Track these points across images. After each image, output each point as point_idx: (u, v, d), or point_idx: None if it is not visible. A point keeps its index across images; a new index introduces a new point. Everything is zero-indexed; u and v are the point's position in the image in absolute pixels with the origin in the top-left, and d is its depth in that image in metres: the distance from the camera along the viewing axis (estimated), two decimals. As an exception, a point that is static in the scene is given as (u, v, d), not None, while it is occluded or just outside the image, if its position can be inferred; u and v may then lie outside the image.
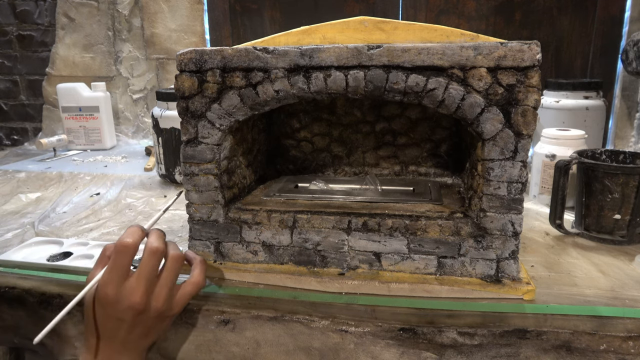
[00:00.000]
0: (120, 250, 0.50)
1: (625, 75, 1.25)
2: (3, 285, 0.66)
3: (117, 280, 0.49)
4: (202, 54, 0.59)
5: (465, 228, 0.59)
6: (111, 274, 0.49)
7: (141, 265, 0.50)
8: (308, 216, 0.62)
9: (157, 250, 0.51)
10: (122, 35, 1.59)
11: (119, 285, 0.49)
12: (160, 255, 0.51)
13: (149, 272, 0.50)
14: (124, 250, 0.50)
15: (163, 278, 0.52)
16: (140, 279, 0.49)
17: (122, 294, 0.49)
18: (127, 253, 0.50)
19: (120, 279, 0.49)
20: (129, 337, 0.50)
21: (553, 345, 0.53)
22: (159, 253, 0.51)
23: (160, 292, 0.51)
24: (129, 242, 0.50)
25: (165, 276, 0.52)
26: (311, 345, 0.57)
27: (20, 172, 1.25)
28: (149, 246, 0.51)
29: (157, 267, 0.51)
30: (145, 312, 0.50)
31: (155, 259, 0.51)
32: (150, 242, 0.52)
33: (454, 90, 0.54)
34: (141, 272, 0.50)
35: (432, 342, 0.54)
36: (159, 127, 1.06)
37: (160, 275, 0.52)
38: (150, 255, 0.51)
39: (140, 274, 0.50)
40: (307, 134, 0.85)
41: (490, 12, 1.36)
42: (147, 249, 0.51)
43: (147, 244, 0.51)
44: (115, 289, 0.49)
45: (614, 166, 0.71)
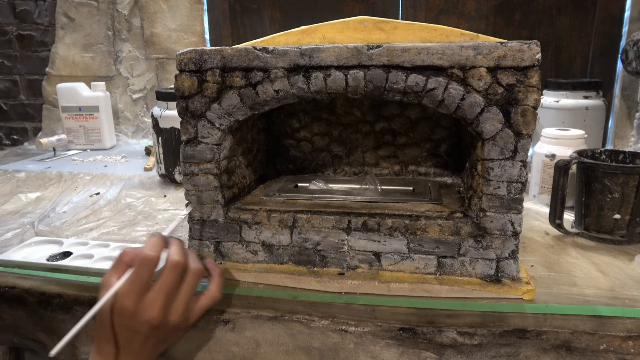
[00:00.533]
0: (143, 263, 0.49)
1: (625, 75, 1.25)
2: (3, 285, 0.66)
3: (138, 294, 0.48)
4: (202, 54, 0.59)
5: (465, 228, 0.59)
6: (132, 286, 0.49)
7: (162, 279, 0.50)
8: (308, 216, 0.62)
9: (178, 265, 0.50)
10: (122, 35, 1.59)
11: (139, 299, 0.48)
12: (181, 270, 0.51)
13: (168, 287, 0.50)
14: (146, 264, 0.49)
15: (182, 293, 0.51)
16: (160, 293, 0.49)
17: (141, 307, 0.48)
18: (150, 266, 0.49)
19: (141, 293, 0.49)
20: (143, 348, 0.50)
21: (553, 345, 0.53)
22: (180, 267, 0.50)
23: (178, 306, 0.51)
24: (153, 255, 0.49)
25: (185, 291, 0.51)
26: (311, 345, 0.57)
27: (20, 172, 1.25)
28: (170, 260, 0.50)
29: (177, 281, 0.51)
30: (162, 326, 0.49)
31: (176, 274, 0.50)
32: (172, 256, 0.51)
33: (454, 90, 0.54)
34: (162, 287, 0.49)
35: (432, 342, 0.54)
36: (159, 127, 1.06)
37: (180, 289, 0.51)
38: (171, 270, 0.50)
39: (161, 289, 0.49)
40: (307, 134, 0.85)
41: (490, 12, 1.36)
42: (169, 263, 0.50)
43: (169, 258, 0.50)
44: (135, 302, 0.48)
45: (614, 166, 0.71)
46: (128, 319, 0.48)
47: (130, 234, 0.82)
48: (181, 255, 0.51)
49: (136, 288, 0.48)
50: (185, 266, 0.51)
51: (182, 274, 0.51)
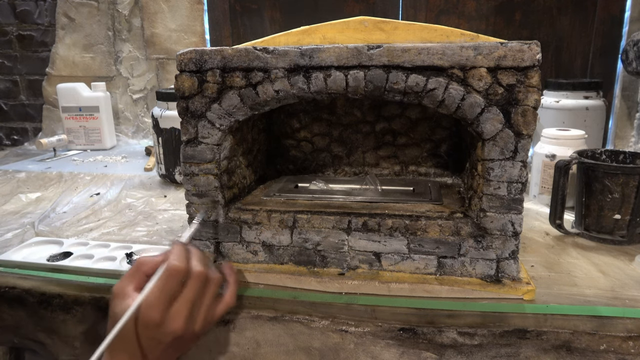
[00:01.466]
0: (171, 274, 0.48)
1: (625, 75, 1.25)
2: (3, 285, 0.66)
3: (165, 305, 0.48)
4: (202, 54, 0.59)
5: (465, 228, 0.59)
6: (160, 297, 0.48)
7: (187, 290, 0.49)
8: (308, 216, 0.62)
9: (201, 275, 0.50)
10: (122, 35, 1.59)
11: (166, 310, 0.48)
12: (204, 279, 0.51)
13: (193, 297, 0.49)
14: (175, 275, 0.48)
15: (204, 302, 0.51)
16: (185, 304, 0.49)
17: (167, 318, 0.48)
18: (178, 277, 0.49)
19: (168, 303, 0.48)
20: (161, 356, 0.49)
21: (553, 345, 0.53)
22: (202, 277, 0.50)
23: (199, 315, 0.51)
24: (181, 266, 0.49)
25: (206, 300, 0.51)
26: (311, 345, 0.57)
27: (20, 172, 1.25)
28: (194, 271, 0.50)
29: (201, 291, 0.50)
30: (184, 335, 0.49)
31: (200, 284, 0.50)
32: (195, 266, 0.50)
33: (454, 90, 0.54)
34: (187, 298, 0.49)
35: (432, 342, 0.54)
36: (159, 127, 1.06)
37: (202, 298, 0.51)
38: (195, 280, 0.50)
39: (187, 300, 0.49)
40: (307, 134, 0.85)
41: (490, 12, 1.36)
42: (194, 273, 0.50)
43: (193, 268, 0.50)
44: (162, 313, 0.48)
45: (614, 166, 0.71)
46: (153, 329, 0.48)
47: (130, 234, 0.82)
48: (204, 265, 0.51)
49: (164, 299, 0.48)
50: (207, 276, 0.51)
51: (204, 283, 0.51)
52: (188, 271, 0.49)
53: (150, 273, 0.50)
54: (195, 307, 0.50)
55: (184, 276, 0.49)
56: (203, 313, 0.51)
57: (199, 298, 0.50)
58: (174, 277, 0.48)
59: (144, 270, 0.50)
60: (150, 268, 0.50)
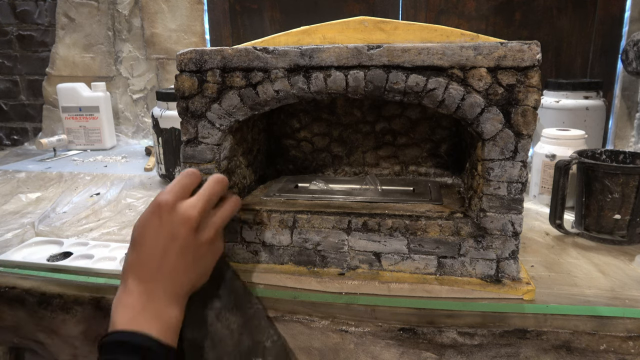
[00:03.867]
0: (187, 173, 0.51)
1: (625, 75, 1.25)
2: (3, 285, 0.66)
3: (178, 192, 0.49)
4: (202, 54, 0.59)
5: (465, 228, 0.59)
6: (175, 186, 0.50)
7: (204, 187, 0.51)
8: (308, 216, 0.62)
9: (222, 180, 0.52)
10: (122, 35, 1.59)
11: (180, 198, 0.49)
12: (224, 186, 0.53)
13: (209, 194, 0.51)
14: (190, 174, 0.51)
15: (221, 211, 0.53)
16: (200, 197, 0.50)
17: (181, 206, 0.49)
18: (194, 177, 0.51)
19: (181, 193, 0.50)
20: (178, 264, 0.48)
21: (553, 345, 0.53)
22: (223, 183, 0.53)
23: (216, 221, 0.51)
24: (196, 170, 0.52)
25: (223, 211, 0.53)
26: (311, 345, 0.57)
27: (20, 172, 1.25)
28: (215, 175, 0.53)
29: (218, 194, 0.52)
30: (198, 235, 0.49)
31: (219, 186, 0.52)
32: (216, 174, 0.53)
33: (454, 90, 0.54)
34: (202, 193, 0.50)
35: (432, 342, 0.54)
36: (159, 127, 1.06)
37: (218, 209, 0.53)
38: (214, 181, 0.52)
39: (202, 194, 0.50)
40: (307, 134, 0.85)
41: (490, 12, 1.36)
42: (213, 177, 0.52)
43: (213, 175, 0.53)
44: (175, 197, 0.49)
45: (614, 166, 0.71)
46: (167, 215, 0.48)
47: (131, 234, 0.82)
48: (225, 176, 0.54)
49: (178, 188, 0.50)
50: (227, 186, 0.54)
51: (223, 189, 0.53)
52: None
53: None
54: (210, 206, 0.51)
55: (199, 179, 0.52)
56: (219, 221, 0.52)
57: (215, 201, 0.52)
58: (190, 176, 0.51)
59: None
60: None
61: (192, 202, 0.49)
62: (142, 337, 0.44)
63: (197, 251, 0.50)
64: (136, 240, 0.49)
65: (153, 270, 0.48)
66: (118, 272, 0.67)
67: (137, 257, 0.49)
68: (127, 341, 0.44)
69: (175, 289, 0.48)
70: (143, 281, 0.47)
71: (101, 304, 0.62)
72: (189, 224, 0.48)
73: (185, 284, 0.49)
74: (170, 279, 0.48)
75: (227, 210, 0.54)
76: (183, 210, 0.48)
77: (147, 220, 0.49)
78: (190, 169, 0.52)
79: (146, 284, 0.47)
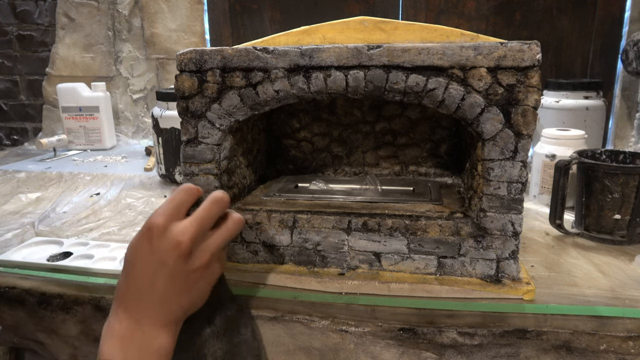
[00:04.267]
0: (184, 189, 0.48)
1: (625, 75, 1.25)
2: (3, 285, 0.66)
3: (171, 214, 0.46)
4: (202, 54, 0.59)
5: (465, 228, 0.59)
6: (168, 206, 0.47)
7: (200, 208, 0.48)
8: (308, 216, 0.62)
9: (220, 200, 0.48)
10: (122, 35, 1.59)
11: (172, 220, 0.46)
12: (223, 206, 0.49)
13: (204, 218, 0.47)
14: (187, 191, 0.48)
15: (218, 234, 0.49)
16: (194, 221, 0.46)
17: (172, 229, 0.46)
18: (190, 193, 0.48)
19: (175, 214, 0.46)
20: (167, 292, 0.46)
21: (553, 345, 0.53)
22: (222, 203, 0.49)
23: (210, 246, 0.48)
24: (194, 186, 0.49)
25: (220, 234, 0.49)
26: (311, 345, 0.57)
27: (20, 172, 1.25)
28: (214, 194, 0.48)
29: (215, 216, 0.48)
30: (190, 261, 0.46)
31: (216, 207, 0.48)
32: (216, 192, 0.49)
33: (454, 90, 0.54)
34: (197, 215, 0.47)
35: (432, 342, 0.54)
36: (159, 127, 1.06)
37: (215, 230, 0.49)
38: (211, 201, 0.48)
39: (197, 217, 0.47)
40: (307, 134, 0.85)
41: (490, 12, 1.36)
42: (212, 196, 0.48)
43: (212, 193, 0.49)
44: (167, 220, 0.46)
45: (614, 166, 0.71)
46: (157, 240, 0.45)
47: (130, 234, 0.82)
48: (226, 195, 0.49)
49: (171, 208, 0.47)
50: (227, 205, 0.50)
51: (222, 210, 0.49)
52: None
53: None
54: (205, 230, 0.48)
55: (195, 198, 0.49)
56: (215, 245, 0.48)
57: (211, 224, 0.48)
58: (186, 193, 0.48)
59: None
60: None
61: (184, 226, 0.46)
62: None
63: (188, 278, 0.47)
64: (126, 265, 0.47)
65: (142, 299, 0.46)
66: (118, 272, 0.67)
67: (126, 283, 0.47)
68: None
69: (164, 317, 0.46)
70: (132, 310, 0.46)
71: (101, 304, 0.62)
72: (178, 250, 0.45)
73: (175, 310, 0.47)
74: (160, 307, 0.46)
75: (225, 232, 0.49)
76: (174, 235, 0.45)
77: (137, 244, 0.47)
78: (188, 185, 0.49)
79: (135, 313, 0.46)
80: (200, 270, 0.47)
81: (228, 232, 0.50)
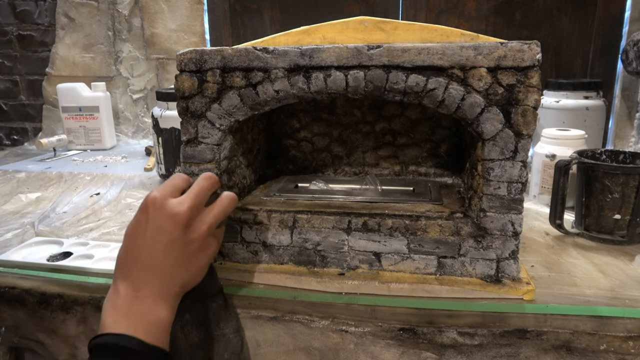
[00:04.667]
0: (178, 175, 0.52)
1: (625, 75, 1.25)
2: (3, 285, 0.66)
3: (168, 191, 0.49)
4: (202, 54, 0.59)
5: (465, 228, 0.59)
6: (165, 185, 0.50)
7: (193, 185, 0.51)
8: (308, 216, 0.62)
9: (210, 177, 0.52)
10: (122, 35, 1.59)
11: (168, 196, 0.49)
12: (213, 182, 0.52)
13: (198, 191, 0.50)
14: (181, 176, 0.52)
15: (214, 208, 0.51)
16: (189, 194, 0.50)
17: (169, 203, 0.48)
18: (185, 179, 0.52)
19: (171, 192, 0.49)
20: (166, 261, 0.47)
21: (553, 345, 0.53)
22: (212, 180, 0.52)
23: (207, 218, 0.50)
24: (186, 175, 0.53)
25: (215, 209, 0.51)
26: (311, 345, 0.57)
27: (20, 172, 1.25)
28: (204, 174, 0.52)
29: (208, 190, 0.51)
30: (188, 232, 0.48)
31: (209, 184, 0.51)
32: (205, 172, 0.53)
33: (454, 90, 0.54)
34: (191, 190, 0.50)
35: (432, 342, 0.54)
36: (159, 127, 1.06)
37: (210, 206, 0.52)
38: (204, 178, 0.51)
39: (190, 191, 0.50)
40: (307, 134, 0.85)
41: (490, 12, 1.36)
42: (203, 174, 0.52)
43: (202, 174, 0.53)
44: (164, 195, 0.48)
45: (614, 166, 0.71)
46: (153, 211, 0.48)
47: (130, 234, 0.82)
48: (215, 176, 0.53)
49: (168, 187, 0.50)
50: (219, 184, 0.53)
51: (214, 187, 0.52)
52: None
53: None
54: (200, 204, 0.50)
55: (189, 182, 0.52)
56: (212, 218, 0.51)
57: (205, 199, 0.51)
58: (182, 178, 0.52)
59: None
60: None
61: (181, 199, 0.49)
62: (128, 339, 0.44)
63: (187, 248, 0.49)
64: (125, 236, 0.49)
65: (140, 269, 0.47)
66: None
67: (125, 256, 0.48)
68: (113, 343, 0.43)
69: (163, 288, 0.47)
70: (130, 281, 0.47)
71: (101, 304, 0.62)
72: (177, 219, 0.47)
73: (174, 282, 0.48)
74: (158, 277, 0.47)
75: (220, 207, 0.52)
76: (171, 206, 0.48)
77: (136, 218, 0.49)
78: (180, 173, 0.53)
79: (133, 284, 0.47)
80: (198, 242, 0.49)
81: (223, 206, 0.52)
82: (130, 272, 0.47)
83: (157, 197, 0.48)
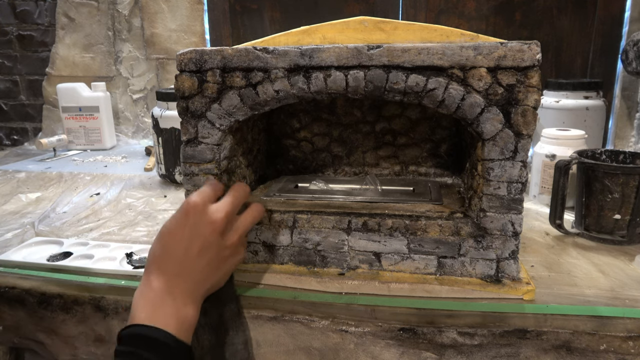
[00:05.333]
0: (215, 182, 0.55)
1: (625, 75, 1.25)
2: (3, 285, 0.66)
3: (208, 196, 0.52)
4: (202, 54, 0.59)
5: (465, 228, 0.59)
6: (204, 191, 0.52)
7: (228, 193, 0.54)
8: (308, 216, 0.62)
9: (245, 188, 0.55)
10: (122, 35, 1.59)
11: (208, 202, 0.51)
12: (247, 193, 0.55)
13: (234, 201, 0.53)
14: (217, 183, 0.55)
15: (245, 217, 0.55)
16: (226, 202, 0.52)
17: (208, 208, 0.51)
18: (220, 186, 0.54)
19: (210, 197, 0.52)
20: (200, 263, 0.50)
21: (553, 345, 0.53)
22: (247, 190, 0.55)
23: (239, 227, 0.54)
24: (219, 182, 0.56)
25: (246, 217, 0.55)
26: (311, 345, 0.57)
27: (20, 172, 1.25)
28: (237, 183, 0.56)
29: (242, 200, 0.55)
30: (223, 238, 0.51)
31: (243, 193, 0.55)
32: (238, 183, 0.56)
33: (454, 90, 0.54)
34: (228, 198, 0.53)
35: (432, 342, 0.54)
36: (159, 127, 1.06)
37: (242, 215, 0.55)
38: (237, 188, 0.55)
39: (227, 199, 0.53)
40: (307, 134, 0.85)
41: (490, 12, 1.36)
42: (236, 184, 0.55)
43: (236, 183, 0.56)
44: (204, 200, 0.51)
45: (614, 166, 0.71)
46: (193, 215, 0.50)
47: (130, 234, 0.82)
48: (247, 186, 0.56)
49: (208, 192, 0.52)
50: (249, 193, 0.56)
51: (246, 196, 0.55)
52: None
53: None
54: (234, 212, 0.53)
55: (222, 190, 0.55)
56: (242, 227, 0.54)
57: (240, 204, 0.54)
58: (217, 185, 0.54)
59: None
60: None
61: (219, 206, 0.52)
62: (160, 333, 0.45)
63: (220, 254, 0.51)
64: (163, 235, 0.51)
65: (175, 265, 0.49)
66: (118, 272, 0.67)
67: (161, 251, 0.50)
68: (146, 335, 0.45)
69: (194, 288, 0.50)
70: (165, 276, 0.49)
71: (101, 304, 0.62)
72: (214, 225, 0.50)
73: (204, 285, 0.51)
74: (191, 277, 0.49)
75: (250, 216, 0.56)
76: (210, 212, 0.51)
77: (175, 218, 0.51)
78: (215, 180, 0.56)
79: (167, 279, 0.49)
80: (230, 249, 0.52)
81: (253, 217, 0.56)
82: (166, 269, 0.49)
83: (199, 202, 0.51)
